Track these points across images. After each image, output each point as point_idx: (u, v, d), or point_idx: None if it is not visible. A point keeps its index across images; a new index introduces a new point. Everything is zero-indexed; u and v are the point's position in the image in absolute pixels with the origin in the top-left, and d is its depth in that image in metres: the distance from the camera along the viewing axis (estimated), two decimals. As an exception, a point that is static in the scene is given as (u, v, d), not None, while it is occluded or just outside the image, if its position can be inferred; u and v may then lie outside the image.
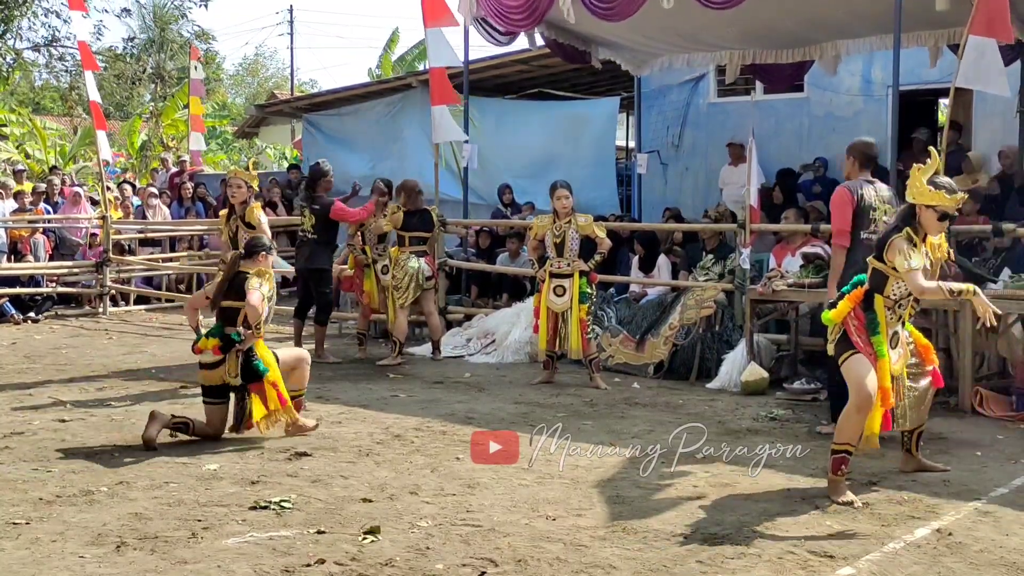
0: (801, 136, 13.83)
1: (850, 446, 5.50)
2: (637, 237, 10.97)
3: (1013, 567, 4.52)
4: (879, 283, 5.50)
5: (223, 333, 6.78)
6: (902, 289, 5.48)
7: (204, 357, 6.82)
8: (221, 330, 6.81)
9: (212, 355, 6.78)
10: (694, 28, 11.27)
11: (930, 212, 5.40)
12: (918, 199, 5.40)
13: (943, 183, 5.41)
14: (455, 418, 7.57)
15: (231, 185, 8.82)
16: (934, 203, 5.38)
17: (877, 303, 5.49)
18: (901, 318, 5.60)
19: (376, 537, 4.86)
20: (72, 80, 28.15)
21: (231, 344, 6.73)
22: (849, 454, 5.52)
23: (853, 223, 6.78)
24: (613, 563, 4.55)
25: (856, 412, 5.45)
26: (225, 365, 6.75)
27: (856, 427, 5.47)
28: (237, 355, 6.72)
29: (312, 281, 10.20)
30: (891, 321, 5.55)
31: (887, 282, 5.48)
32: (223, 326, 6.82)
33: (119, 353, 10.84)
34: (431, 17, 11.55)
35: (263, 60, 54.53)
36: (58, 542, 4.81)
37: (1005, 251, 9.00)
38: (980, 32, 7.84)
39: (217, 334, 6.80)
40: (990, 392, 7.81)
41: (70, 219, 14.96)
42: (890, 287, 5.48)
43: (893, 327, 5.57)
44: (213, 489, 5.68)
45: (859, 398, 5.43)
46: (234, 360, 6.72)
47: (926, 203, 5.39)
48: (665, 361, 9.51)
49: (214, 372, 6.80)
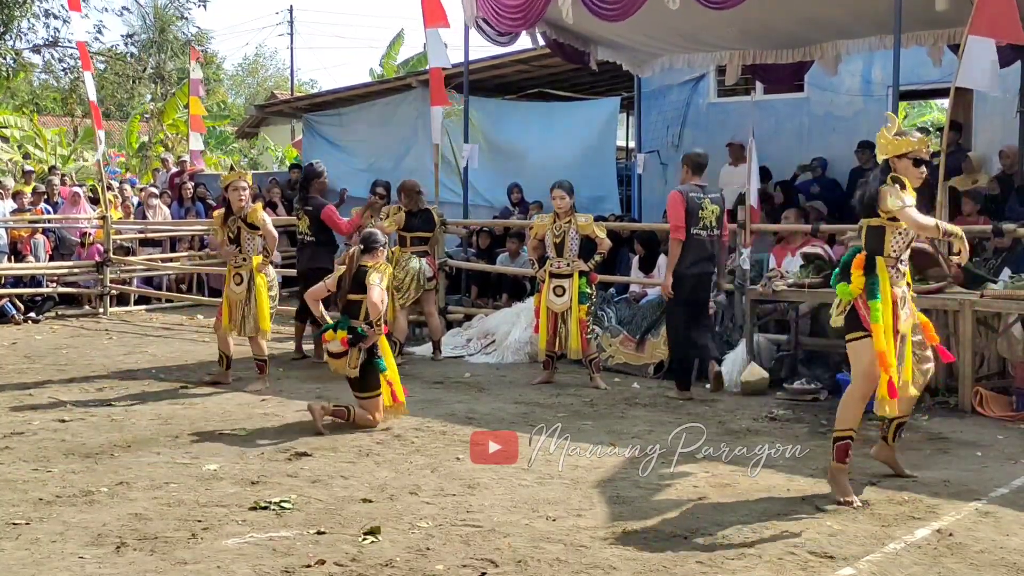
0: (801, 136, 13.84)
1: (852, 432, 5.49)
2: (637, 237, 10.97)
3: (1014, 568, 4.52)
4: (876, 244, 5.48)
5: (350, 326, 7.23)
6: (900, 243, 5.48)
7: (332, 347, 7.29)
8: (348, 323, 7.26)
9: (340, 345, 7.22)
10: (694, 28, 11.27)
11: (905, 161, 5.45)
12: (890, 151, 5.45)
13: (907, 131, 5.52)
14: (455, 418, 7.57)
15: (236, 188, 8.79)
16: (905, 150, 5.44)
17: (879, 265, 5.45)
18: (904, 275, 5.58)
19: (376, 537, 4.86)
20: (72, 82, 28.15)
21: (359, 338, 7.18)
22: (851, 440, 5.50)
23: (686, 220, 8.20)
24: (613, 563, 4.55)
25: (859, 399, 5.45)
26: (350, 355, 7.20)
27: (857, 412, 5.46)
28: (360, 350, 7.20)
29: (313, 282, 10.19)
30: (896, 279, 5.50)
31: (885, 239, 5.46)
32: (348, 318, 7.30)
33: (119, 353, 10.84)
34: (430, 18, 11.58)
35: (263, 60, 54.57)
36: (58, 542, 4.80)
37: (1005, 251, 9.01)
38: (980, 32, 7.84)
39: (345, 326, 7.25)
40: (990, 392, 7.81)
41: (70, 219, 14.96)
42: (888, 244, 5.47)
43: (899, 286, 5.52)
44: (213, 489, 5.68)
45: (864, 384, 5.42)
46: (356, 354, 7.20)
47: (899, 152, 5.44)
48: (665, 361, 9.50)
49: (339, 361, 7.29)
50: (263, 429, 7.19)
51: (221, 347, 9.00)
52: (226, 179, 9.12)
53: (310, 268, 10.17)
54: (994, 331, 7.97)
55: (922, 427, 7.25)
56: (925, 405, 7.80)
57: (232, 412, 7.78)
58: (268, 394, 8.49)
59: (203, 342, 11.73)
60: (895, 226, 5.43)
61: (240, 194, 8.77)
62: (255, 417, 7.60)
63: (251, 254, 8.80)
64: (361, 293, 7.28)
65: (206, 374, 9.19)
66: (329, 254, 10.37)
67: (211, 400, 8.25)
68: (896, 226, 5.43)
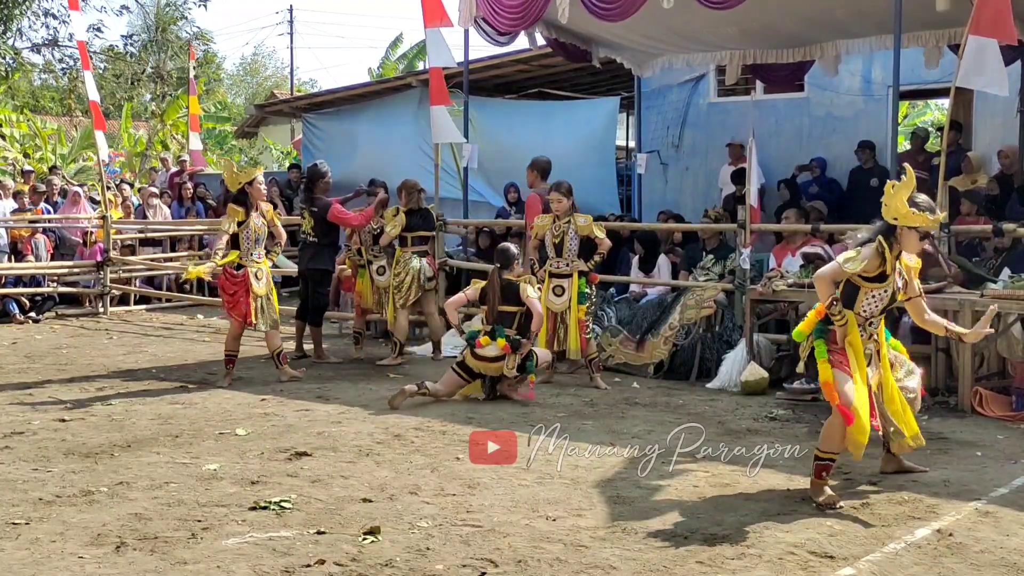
0: (801, 136, 13.83)
1: (834, 455, 5.49)
2: (637, 237, 10.97)
3: (1014, 567, 4.52)
4: (848, 299, 5.46)
5: (507, 335, 8.17)
6: (872, 305, 5.46)
7: (487, 351, 8.14)
8: (503, 332, 8.19)
9: (498, 351, 8.13)
10: (694, 28, 11.27)
11: (912, 233, 5.38)
12: (901, 221, 5.34)
13: (924, 204, 5.37)
14: (455, 418, 7.57)
15: (261, 183, 9.08)
16: (917, 224, 5.35)
17: (848, 317, 5.45)
18: (873, 336, 5.56)
19: (376, 537, 4.86)
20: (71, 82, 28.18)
21: (517, 345, 8.13)
22: (832, 463, 5.51)
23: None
24: (613, 563, 4.55)
25: (839, 426, 5.43)
26: (507, 360, 8.12)
27: (840, 438, 5.45)
28: (517, 356, 8.13)
29: (313, 282, 10.22)
30: (864, 339, 5.48)
31: (857, 297, 5.45)
32: (503, 328, 8.21)
33: (119, 353, 10.84)
34: (430, 18, 11.57)
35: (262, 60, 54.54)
36: (58, 542, 4.81)
37: (1005, 251, 9.01)
38: (981, 32, 7.84)
39: (502, 335, 8.16)
40: (990, 392, 7.81)
41: (70, 219, 14.96)
42: (859, 302, 5.45)
43: (867, 344, 5.50)
44: (213, 489, 5.68)
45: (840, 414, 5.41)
46: (513, 359, 8.13)
47: (910, 225, 5.35)
48: (665, 361, 9.51)
49: (495, 364, 8.17)
50: (263, 429, 7.19)
51: (234, 347, 9.08)
52: (249, 173, 9.12)
53: (310, 268, 10.18)
54: (994, 331, 7.97)
55: (922, 427, 7.23)
56: (925, 404, 7.80)
57: (232, 412, 7.78)
58: (268, 393, 8.50)
59: (203, 342, 11.75)
60: (871, 287, 5.41)
61: (263, 189, 9.03)
62: (255, 417, 7.60)
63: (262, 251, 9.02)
64: (513, 305, 8.27)
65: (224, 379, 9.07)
66: (331, 255, 10.37)
67: (211, 400, 8.25)
68: (871, 287, 5.41)
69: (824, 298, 5.42)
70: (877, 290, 5.42)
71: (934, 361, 8.23)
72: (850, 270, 5.33)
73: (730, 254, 9.92)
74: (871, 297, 5.44)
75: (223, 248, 8.92)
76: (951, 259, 8.28)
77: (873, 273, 5.38)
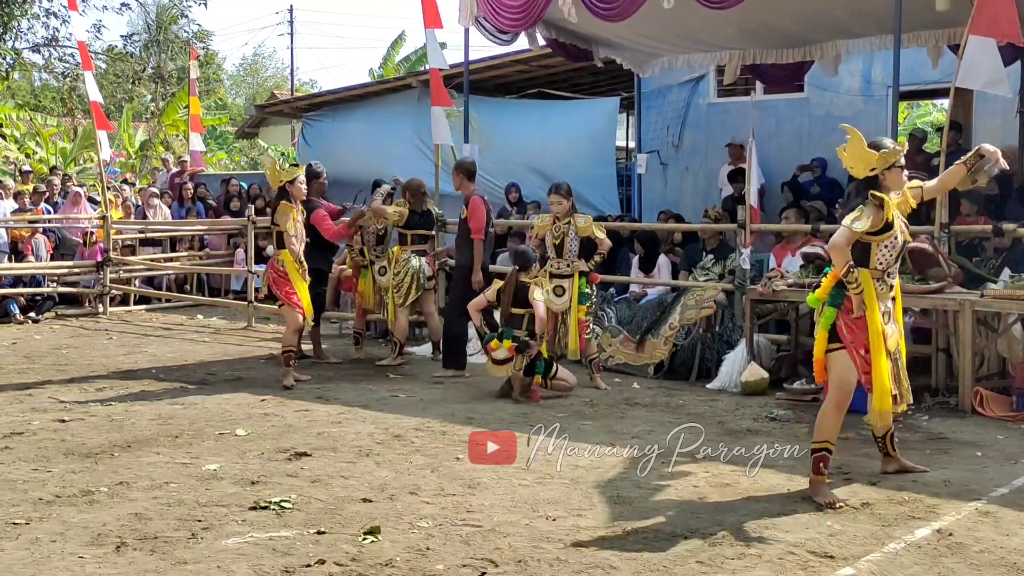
0: (801, 136, 13.83)
1: (829, 444, 5.50)
2: (637, 237, 10.96)
3: (1014, 568, 4.52)
4: (861, 257, 5.47)
5: (514, 336, 8.23)
6: (887, 255, 5.47)
7: (498, 354, 8.26)
8: (511, 333, 8.27)
9: (507, 352, 8.22)
10: (694, 28, 11.27)
11: (895, 171, 5.44)
12: (880, 166, 5.39)
13: (881, 142, 5.46)
14: (455, 418, 7.57)
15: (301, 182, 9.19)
16: (893, 160, 5.41)
17: (863, 277, 5.45)
18: (892, 288, 5.57)
19: (376, 537, 4.86)
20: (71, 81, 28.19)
21: (525, 347, 8.19)
22: (829, 452, 5.51)
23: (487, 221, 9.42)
24: (613, 563, 4.55)
25: (834, 410, 5.44)
26: (514, 362, 8.21)
27: (835, 424, 5.46)
28: (524, 357, 8.20)
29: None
30: (881, 293, 5.49)
31: (870, 253, 5.46)
32: (511, 329, 8.29)
33: (119, 353, 10.84)
34: (429, 19, 11.58)
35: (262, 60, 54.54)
36: (58, 542, 4.80)
37: (1005, 251, 9.00)
38: (981, 32, 7.84)
39: (510, 336, 8.24)
40: (990, 392, 7.81)
41: (70, 219, 14.96)
42: (874, 257, 5.46)
43: (884, 300, 5.52)
44: (213, 489, 5.68)
45: (838, 395, 5.43)
46: (520, 360, 8.22)
47: (888, 164, 5.40)
48: (665, 361, 9.51)
49: (503, 367, 8.27)
50: (263, 429, 7.19)
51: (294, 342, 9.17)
52: (291, 173, 9.16)
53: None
54: (994, 331, 7.97)
55: (922, 427, 7.25)
56: (925, 405, 7.81)
57: (232, 412, 7.78)
58: (268, 394, 8.51)
59: (203, 342, 11.74)
60: (880, 239, 5.42)
61: (304, 188, 9.21)
62: (255, 417, 7.60)
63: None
64: (523, 307, 8.31)
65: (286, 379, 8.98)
66: (324, 255, 10.36)
67: (211, 400, 8.25)
68: (882, 239, 5.42)
69: (841, 266, 5.40)
70: (887, 239, 5.43)
71: (934, 361, 8.24)
72: (861, 228, 5.33)
73: (730, 254, 9.92)
74: (884, 248, 5.45)
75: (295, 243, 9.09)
76: (951, 259, 8.28)
77: (879, 227, 5.38)
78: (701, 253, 10.58)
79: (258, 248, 13.57)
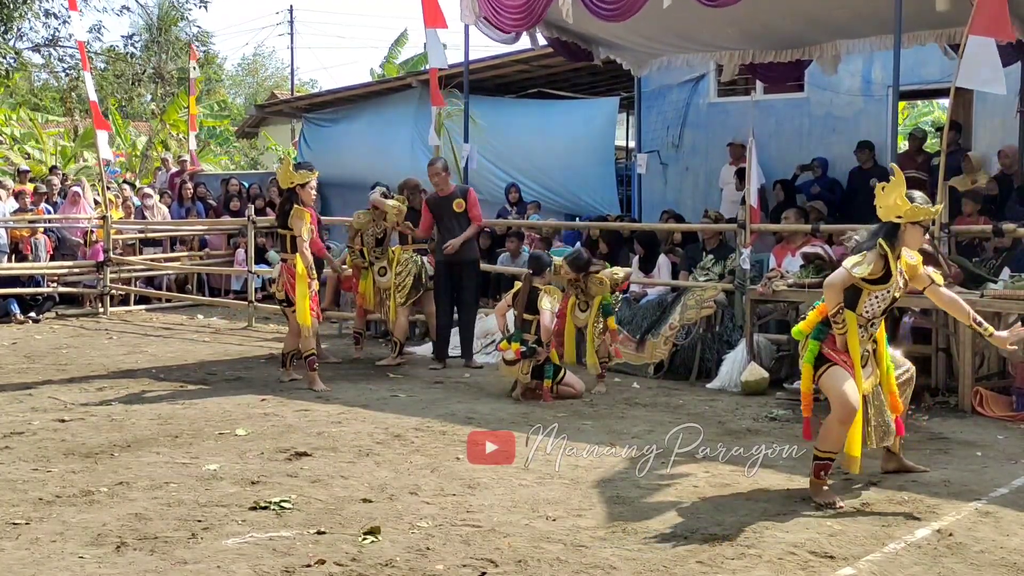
0: (801, 136, 13.83)
1: (832, 454, 5.50)
2: (637, 237, 10.96)
3: (1014, 568, 4.52)
4: (850, 300, 5.47)
5: (523, 339, 8.32)
6: (874, 306, 5.47)
7: (506, 355, 8.35)
8: (521, 336, 8.35)
9: (513, 355, 8.27)
10: (693, 28, 11.26)
11: (916, 228, 5.41)
12: (907, 218, 5.36)
13: (920, 198, 5.41)
14: (455, 418, 7.57)
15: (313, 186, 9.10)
16: (921, 218, 5.39)
17: (849, 319, 5.46)
18: (873, 336, 5.58)
19: (376, 537, 4.86)
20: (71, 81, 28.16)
21: (531, 352, 8.26)
22: (831, 461, 5.52)
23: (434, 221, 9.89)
24: (613, 563, 4.55)
25: (839, 424, 5.42)
26: (521, 365, 8.27)
27: (839, 437, 5.45)
28: (530, 362, 8.28)
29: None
30: (863, 339, 5.51)
31: (859, 299, 5.46)
32: (521, 332, 8.38)
33: (119, 353, 10.84)
34: (430, 19, 11.59)
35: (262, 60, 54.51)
36: (58, 542, 4.80)
37: (1005, 251, 9.00)
38: (980, 32, 7.84)
39: (518, 339, 8.32)
40: (990, 392, 7.81)
41: (70, 219, 14.96)
42: (862, 304, 5.46)
43: (865, 345, 5.53)
44: (213, 489, 5.68)
45: (842, 411, 5.40)
46: (527, 364, 8.30)
47: (914, 220, 5.37)
48: (665, 361, 9.51)
49: (513, 367, 8.33)
50: (263, 429, 7.19)
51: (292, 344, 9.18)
52: (304, 176, 8.98)
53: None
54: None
55: (922, 427, 7.25)
56: (925, 405, 7.82)
57: (232, 412, 7.78)
58: (268, 394, 8.51)
59: (203, 342, 11.75)
60: (874, 288, 5.42)
61: (314, 194, 9.11)
62: (255, 417, 7.60)
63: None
64: (533, 313, 8.36)
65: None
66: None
67: (211, 400, 8.25)
68: (875, 289, 5.42)
69: (832, 306, 5.42)
70: (880, 291, 5.43)
71: (934, 361, 8.24)
72: (859, 274, 5.34)
73: (730, 254, 9.93)
74: (874, 299, 5.45)
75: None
76: (951, 259, 8.28)
77: (877, 276, 5.39)
78: (701, 253, 10.58)
79: (258, 248, 13.55)
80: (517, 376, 8.39)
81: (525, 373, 8.33)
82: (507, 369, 8.45)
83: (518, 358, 8.30)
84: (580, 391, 8.50)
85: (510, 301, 8.65)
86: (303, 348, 8.93)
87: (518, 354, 8.28)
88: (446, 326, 10.05)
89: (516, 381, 8.45)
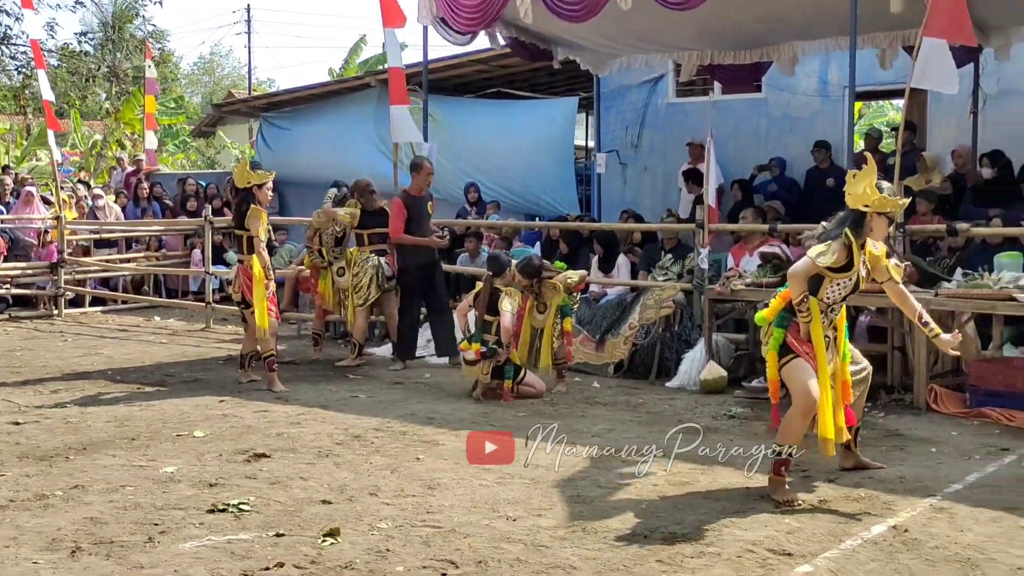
0: (759, 136, 13.91)
1: (792, 450, 5.53)
2: (596, 237, 10.98)
3: (968, 563, 4.57)
4: (812, 286, 5.53)
5: (483, 340, 8.31)
6: (835, 293, 5.53)
7: (467, 355, 8.36)
8: (481, 337, 8.34)
9: (473, 355, 8.28)
10: (653, 29, 11.29)
11: (882, 219, 5.46)
12: (874, 207, 5.41)
13: (889, 189, 5.50)
14: (415, 419, 7.55)
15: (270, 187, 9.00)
16: (889, 209, 5.45)
17: (813, 307, 5.51)
18: (833, 323, 5.63)
19: (336, 539, 4.84)
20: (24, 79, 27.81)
21: (492, 353, 8.26)
22: (791, 457, 5.55)
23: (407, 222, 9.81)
24: (573, 563, 4.56)
25: (801, 416, 5.47)
26: (481, 365, 8.29)
27: (799, 430, 5.50)
28: (490, 362, 8.30)
29: None
30: (824, 326, 5.56)
31: (821, 285, 5.52)
32: (482, 333, 8.37)
33: (74, 355, 10.71)
34: (388, 18, 11.54)
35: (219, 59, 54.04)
36: (11, 547, 4.74)
37: (959, 250, 9.11)
38: (934, 34, 7.94)
39: (478, 340, 8.33)
40: (945, 389, 7.91)
41: (23, 219, 14.75)
42: (824, 291, 5.52)
43: (826, 331, 5.58)
44: (170, 492, 5.63)
45: (804, 403, 5.44)
46: (487, 365, 8.31)
47: (882, 210, 5.43)
48: (625, 360, 9.54)
49: (473, 368, 8.34)
50: (221, 430, 7.13)
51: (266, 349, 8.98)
52: (262, 176, 8.87)
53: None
54: (948, 329, 8.05)
55: (878, 424, 7.33)
56: (881, 402, 7.90)
57: (190, 414, 7.71)
58: (226, 395, 8.44)
59: (160, 343, 11.63)
60: (836, 276, 5.47)
61: (270, 196, 9.03)
62: (213, 418, 7.54)
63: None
64: (493, 314, 8.35)
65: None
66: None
67: (168, 402, 8.17)
68: (837, 277, 5.47)
69: (796, 295, 5.46)
70: (841, 279, 5.48)
71: (890, 359, 8.32)
72: (823, 263, 5.39)
73: (688, 254, 9.98)
74: (835, 286, 5.51)
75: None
76: (906, 258, 8.37)
77: (840, 264, 5.44)
78: (660, 253, 10.62)
79: (216, 248, 13.43)
80: (478, 376, 8.40)
81: (485, 373, 8.35)
82: (468, 369, 8.46)
83: (478, 359, 8.31)
84: (541, 391, 8.50)
85: (471, 302, 8.65)
86: (262, 349, 8.87)
87: (478, 354, 8.30)
88: (413, 327, 10.06)
89: (477, 381, 8.45)
